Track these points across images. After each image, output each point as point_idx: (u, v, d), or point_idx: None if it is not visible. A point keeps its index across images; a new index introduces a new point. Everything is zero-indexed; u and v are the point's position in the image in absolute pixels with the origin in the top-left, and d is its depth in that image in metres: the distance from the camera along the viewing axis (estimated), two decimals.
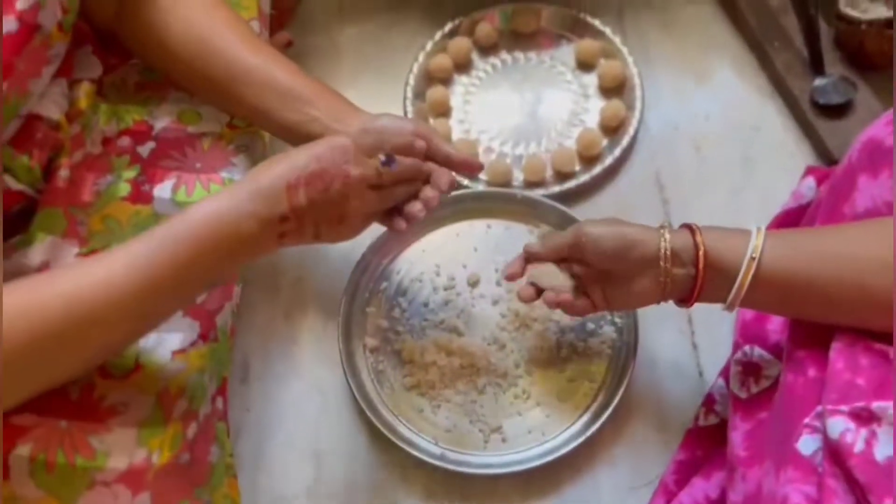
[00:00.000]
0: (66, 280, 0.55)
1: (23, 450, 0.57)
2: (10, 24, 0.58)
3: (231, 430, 0.74)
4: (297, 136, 0.72)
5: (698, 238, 0.64)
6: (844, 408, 0.56)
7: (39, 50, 0.62)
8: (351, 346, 0.83)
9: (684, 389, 0.82)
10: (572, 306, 0.71)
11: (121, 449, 0.59)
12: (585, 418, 0.79)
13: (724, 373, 0.79)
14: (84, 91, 0.70)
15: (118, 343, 0.59)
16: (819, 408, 0.58)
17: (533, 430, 0.79)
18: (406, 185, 0.71)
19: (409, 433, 0.79)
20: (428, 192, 0.72)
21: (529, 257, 0.73)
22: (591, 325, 0.83)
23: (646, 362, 0.82)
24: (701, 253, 0.63)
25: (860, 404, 0.56)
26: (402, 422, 0.80)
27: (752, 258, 0.62)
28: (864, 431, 0.55)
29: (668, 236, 0.65)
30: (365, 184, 0.66)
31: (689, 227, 0.66)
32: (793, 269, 0.61)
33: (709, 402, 0.78)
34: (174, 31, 0.70)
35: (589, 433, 0.77)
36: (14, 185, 0.64)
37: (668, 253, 0.64)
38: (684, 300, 0.67)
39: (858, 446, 0.55)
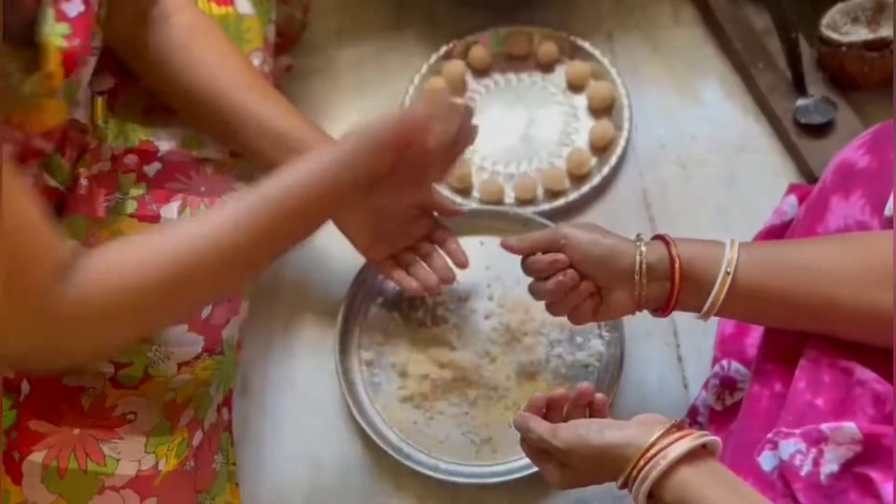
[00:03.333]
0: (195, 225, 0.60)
1: (37, 457, 0.60)
2: (77, 6, 0.59)
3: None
4: None
5: (673, 251, 0.65)
6: (798, 430, 0.59)
7: (92, 37, 0.62)
8: (347, 359, 0.86)
9: (670, 401, 0.84)
10: (576, 293, 0.69)
11: (130, 456, 0.62)
12: None
13: (707, 385, 0.81)
14: (100, 106, 0.72)
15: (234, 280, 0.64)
16: (777, 429, 0.60)
17: None
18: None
19: (403, 444, 0.82)
20: (446, 273, 0.81)
21: (507, 250, 0.72)
22: (579, 339, 0.85)
23: (632, 375, 0.85)
24: (677, 266, 0.65)
25: (813, 426, 0.58)
26: (396, 433, 0.83)
27: (728, 272, 0.63)
28: (813, 451, 0.57)
29: (643, 249, 0.66)
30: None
31: (663, 240, 0.67)
32: (766, 280, 0.63)
33: (692, 414, 0.81)
34: (182, 67, 0.72)
35: None
36: (50, 181, 0.66)
37: (644, 267, 0.66)
38: (659, 310, 0.69)
39: (806, 468, 0.57)
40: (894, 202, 0.62)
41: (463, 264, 0.82)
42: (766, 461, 0.59)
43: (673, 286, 0.65)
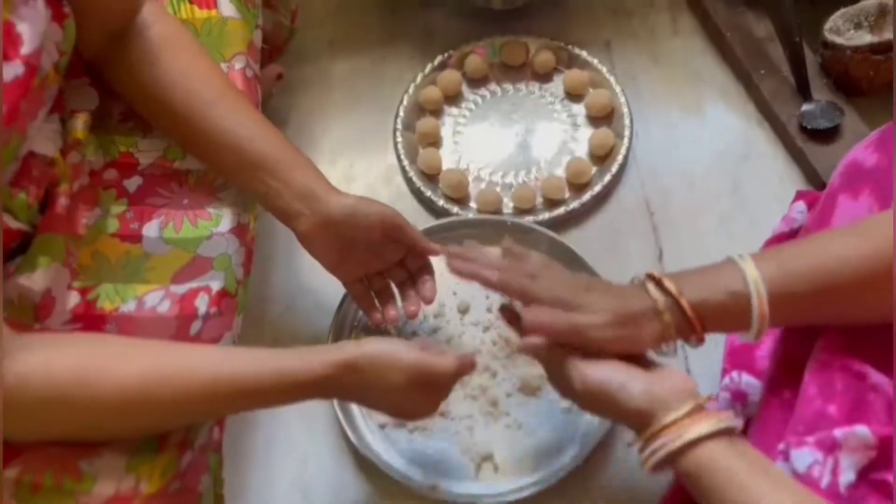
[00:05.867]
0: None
1: (11, 472, 0.56)
2: (16, 68, 0.57)
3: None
4: (266, 206, 0.72)
5: (685, 305, 0.58)
6: (810, 438, 0.55)
7: (38, 92, 0.61)
8: None
9: None
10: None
11: (109, 474, 0.58)
12: (578, 447, 0.78)
13: (717, 399, 0.78)
14: (82, 121, 0.70)
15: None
16: (785, 440, 0.57)
17: (524, 459, 0.78)
18: None
19: (400, 463, 0.78)
20: (411, 305, 0.78)
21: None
22: None
23: None
24: (698, 327, 0.58)
25: (826, 433, 0.55)
26: (391, 452, 0.79)
27: (759, 296, 0.57)
28: (829, 461, 0.54)
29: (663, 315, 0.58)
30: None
31: (672, 296, 0.58)
32: (793, 281, 0.58)
33: None
34: (155, 82, 0.70)
35: (581, 461, 0.76)
36: (13, 223, 0.63)
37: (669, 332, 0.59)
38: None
39: (825, 479, 0.54)
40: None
41: (427, 301, 0.78)
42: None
43: (696, 333, 0.59)
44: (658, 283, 0.59)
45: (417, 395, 0.67)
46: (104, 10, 0.68)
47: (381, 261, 0.77)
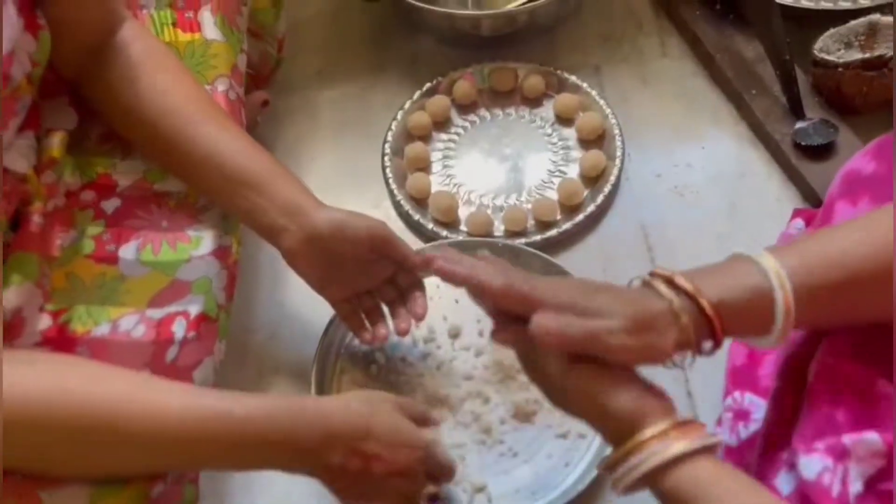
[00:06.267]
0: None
1: None
2: None
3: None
4: (250, 224, 0.70)
5: (705, 305, 0.51)
6: (820, 445, 0.51)
7: (9, 101, 0.60)
8: None
9: None
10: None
11: None
12: (577, 474, 0.74)
13: (720, 421, 0.74)
14: (59, 139, 0.68)
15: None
16: (792, 447, 0.54)
17: (521, 490, 0.74)
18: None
19: None
20: (402, 322, 0.74)
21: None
22: None
23: None
24: (718, 330, 0.51)
25: (835, 439, 0.51)
26: None
27: (783, 289, 0.50)
28: (840, 469, 0.50)
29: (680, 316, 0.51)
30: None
31: (689, 295, 0.51)
32: (818, 271, 0.52)
33: None
34: (136, 100, 0.68)
35: (581, 489, 0.72)
36: None
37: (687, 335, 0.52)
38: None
39: (836, 488, 0.50)
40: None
41: (418, 318, 0.74)
42: (784, 483, 0.53)
43: (716, 337, 0.52)
44: (669, 282, 0.52)
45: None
46: (80, 24, 0.67)
47: (369, 279, 0.74)
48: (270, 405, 0.58)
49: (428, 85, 1.02)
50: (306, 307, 0.87)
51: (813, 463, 0.51)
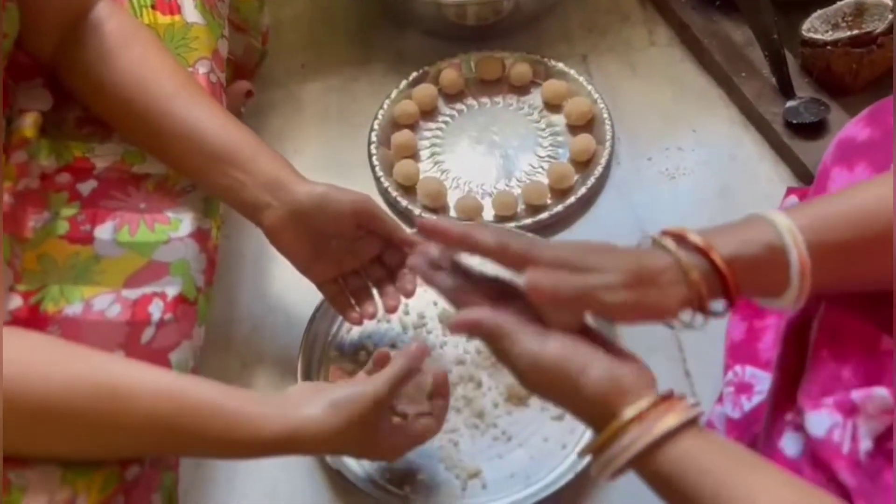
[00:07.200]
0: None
1: None
2: None
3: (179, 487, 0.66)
4: (231, 201, 0.68)
5: (718, 259, 0.48)
6: (828, 400, 0.49)
7: None
8: None
9: None
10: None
11: (41, 486, 0.52)
12: (572, 457, 0.71)
13: (721, 398, 0.72)
14: (31, 120, 0.66)
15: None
16: (798, 404, 0.51)
17: (516, 474, 0.71)
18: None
19: (377, 482, 0.71)
20: (390, 300, 0.72)
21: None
22: None
23: None
24: (732, 286, 0.49)
25: (843, 395, 0.49)
26: (368, 470, 0.72)
27: (797, 246, 0.48)
28: (850, 425, 0.48)
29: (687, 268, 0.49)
30: None
31: (698, 249, 0.49)
32: (830, 228, 0.50)
33: (708, 429, 0.71)
34: (112, 78, 0.67)
35: (576, 472, 0.69)
36: None
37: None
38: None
39: (846, 446, 0.48)
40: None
41: (408, 294, 0.72)
42: (790, 444, 0.50)
43: (730, 294, 0.49)
44: (679, 239, 0.50)
45: (385, 431, 0.62)
46: (52, 2, 0.65)
47: (355, 257, 0.72)
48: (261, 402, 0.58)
49: (414, 74, 1.01)
50: (291, 297, 0.85)
51: (822, 419, 0.48)
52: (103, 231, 0.65)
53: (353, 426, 0.58)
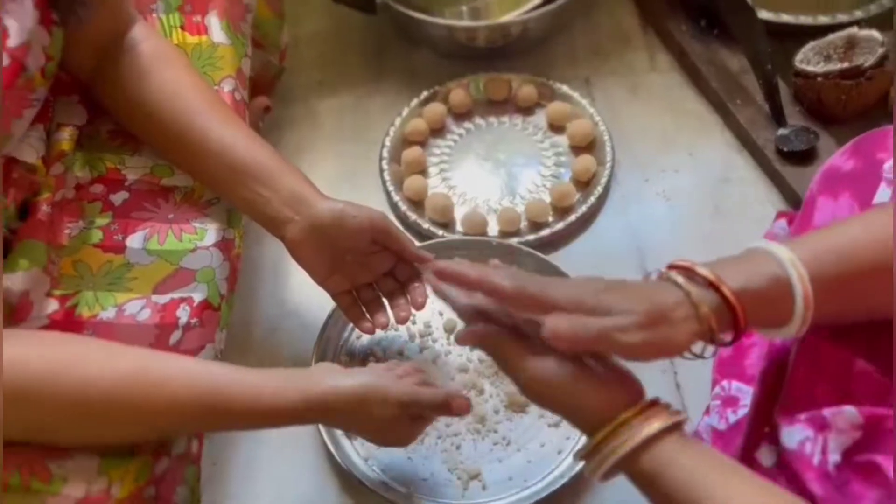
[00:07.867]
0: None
1: None
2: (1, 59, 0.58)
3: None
4: (254, 215, 0.72)
5: (728, 293, 0.50)
6: (803, 416, 0.53)
7: (23, 91, 0.62)
8: None
9: None
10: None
11: (79, 476, 0.57)
12: (568, 462, 0.76)
13: (708, 410, 0.77)
14: (68, 134, 0.71)
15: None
16: (774, 419, 0.56)
17: (514, 477, 0.76)
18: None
19: (386, 482, 0.76)
20: (401, 311, 0.76)
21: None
22: None
23: None
24: (742, 318, 0.50)
25: (815, 412, 0.53)
26: (376, 471, 0.76)
27: (801, 278, 0.50)
28: (820, 439, 0.52)
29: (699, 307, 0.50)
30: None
31: (710, 284, 0.50)
32: (827, 260, 0.52)
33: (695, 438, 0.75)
34: (146, 95, 0.71)
35: (571, 476, 0.74)
36: None
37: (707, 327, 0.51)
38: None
39: (817, 457, 0.52)
40: (894, 167, 0.59)
41: (419, 306, 0.77)
42: (766, 456, 0.55)
43: (739, 325, 0.51)
44: (688, 273, 0.51)
45: (401, 426, 0.68)
46: (93, 25, 0.70)
47: (369, 271, 0.76)
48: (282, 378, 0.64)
49: (425, 94, 1.05)
50: (306, 303, 0.89)
51: (795, 432, 0.53)
52: (134, 240, 0.69)
53: (368, 405, 0.64)
